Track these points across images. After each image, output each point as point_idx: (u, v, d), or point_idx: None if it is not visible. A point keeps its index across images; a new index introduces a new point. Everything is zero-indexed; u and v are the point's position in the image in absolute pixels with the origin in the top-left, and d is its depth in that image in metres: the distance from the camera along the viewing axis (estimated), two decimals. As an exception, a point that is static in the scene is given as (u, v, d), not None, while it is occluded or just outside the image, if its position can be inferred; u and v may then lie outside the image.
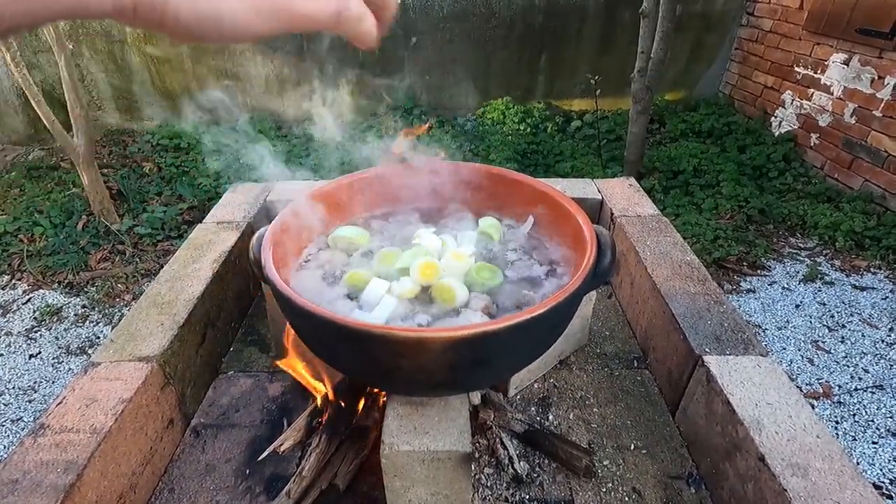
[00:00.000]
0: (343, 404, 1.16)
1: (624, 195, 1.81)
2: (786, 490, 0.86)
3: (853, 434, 2.08)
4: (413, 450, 0.91)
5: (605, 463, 1.16)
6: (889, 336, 2.55)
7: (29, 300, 2.82)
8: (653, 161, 4.02)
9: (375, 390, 1.19)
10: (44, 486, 0.89)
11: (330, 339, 0.89)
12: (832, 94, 3.71)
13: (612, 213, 1.72)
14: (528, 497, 1.09)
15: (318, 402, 1.20)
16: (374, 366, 0.88)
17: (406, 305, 1.00)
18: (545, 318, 0.81)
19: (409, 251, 1.11)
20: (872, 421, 2.13)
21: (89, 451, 0.95)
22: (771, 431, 0.96)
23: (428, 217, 1.31)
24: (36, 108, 2.84)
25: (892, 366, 2.38)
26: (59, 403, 1.05)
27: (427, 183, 1.31)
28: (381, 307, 0.95)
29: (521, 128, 4.50)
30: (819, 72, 3.82)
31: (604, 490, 1.10)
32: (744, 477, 0.97)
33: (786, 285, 2.94)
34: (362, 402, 1.17)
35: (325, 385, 1.21)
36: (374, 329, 0.78)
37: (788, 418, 0.98)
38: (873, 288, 2.89)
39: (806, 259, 3.15)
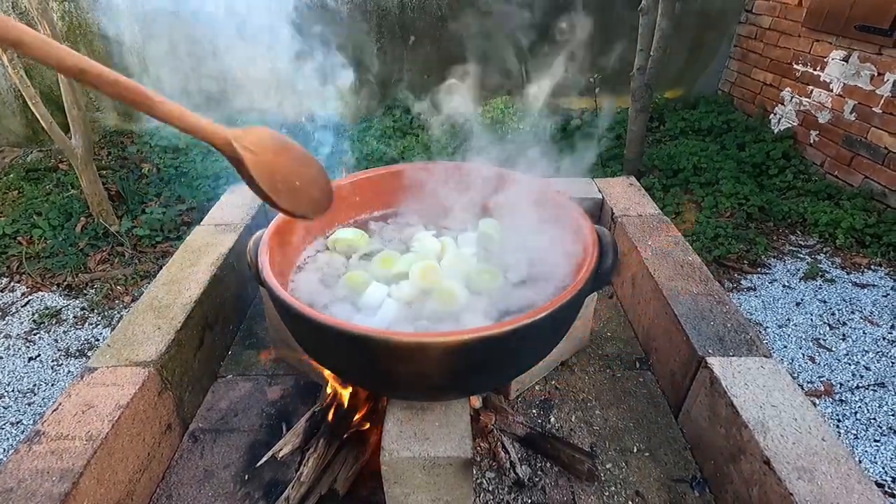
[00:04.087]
0: (343, 408, 1.15)
1: (625, 194, 1.80)
2: (792, 494, 0.85)
3: (855, 432, 2.06)
4: (413, 456, 0.90)
5: (607, 466, 1.15)
6: (890, 333, 2.54)
7: (28, 302, 2.80)
8: (652, 159, 4.01)
9: (376, 395, 1.18)
10: (39, 496, 0.87)
11: (329, 345, 0.88)
12: (832, 91, 3.69)
13: (612, 213, 1.71)
14: (530, 501, 1.08)
15: (318, 406, 1.19)
16: (375, 371, 0.87)
17: (406, 309, 0.99)
18: (548, 320, 0.80)
19: (409, 254, 1.10)
20: (874, 419, 2.12)
21: (85, 459, 0.94)
22: (776, 434, 0.94)
23: (427, 218, 1.30)
24: (34, 109, 2.81)
25: (893, 363, 2.37)
26: (55, 410, 1.04)
27: (426, 183, 1.30)
28: (382, 312, 0.94)
29: (520, 126, 4.49)
30: (818, 69, 3.80)
31: (606, 494, 1.09)
32: (749, 480, 0.96)
33: (786, 283, 2.92)
34: (363, 407, 1.16)
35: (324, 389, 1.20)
36: (375, 334, 0.77)
37: (794, 420, 0.97)
38: (874, 285, 2.88)
39: (806, 256, 3.14)
